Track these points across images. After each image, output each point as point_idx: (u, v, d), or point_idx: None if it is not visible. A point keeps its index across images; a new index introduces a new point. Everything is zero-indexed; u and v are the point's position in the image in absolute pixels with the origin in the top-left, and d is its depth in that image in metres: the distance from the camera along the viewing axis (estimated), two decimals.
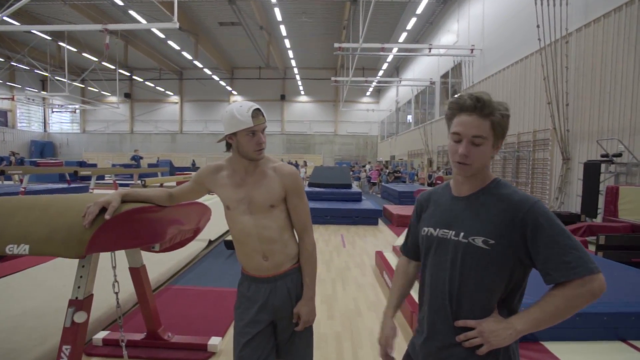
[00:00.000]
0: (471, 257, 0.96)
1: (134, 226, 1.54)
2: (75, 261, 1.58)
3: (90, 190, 10.68)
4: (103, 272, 2.00)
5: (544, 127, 8.75)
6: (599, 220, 6.21)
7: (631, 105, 6.42)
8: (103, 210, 1.42)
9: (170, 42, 18.98)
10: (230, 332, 2.76)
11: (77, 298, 1.64)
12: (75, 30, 14.86)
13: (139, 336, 2.53)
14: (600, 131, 7.08)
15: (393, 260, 4.28)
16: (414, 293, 3.18)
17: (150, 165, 17.49)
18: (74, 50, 19.43)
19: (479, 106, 0.92)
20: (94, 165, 20.18)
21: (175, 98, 30.65)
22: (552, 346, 2.05)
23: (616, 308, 2.22)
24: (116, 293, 2.05)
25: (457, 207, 1.03)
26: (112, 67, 20.88)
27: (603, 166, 6.61)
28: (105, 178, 17.02)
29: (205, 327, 2.79)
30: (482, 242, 0.94)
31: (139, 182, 14.25)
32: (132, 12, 14.62)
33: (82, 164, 18.85)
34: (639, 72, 6.23)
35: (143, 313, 2.45)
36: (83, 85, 26.74)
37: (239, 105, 1.34)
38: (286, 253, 1.44)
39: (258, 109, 1.35)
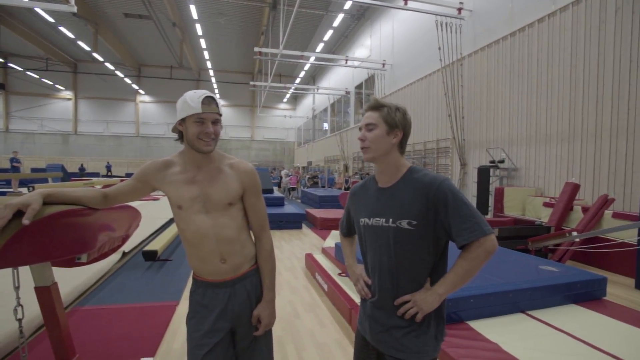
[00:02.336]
0: (401, 238, 1.12)
1: (60, 233, 1.30)
2: None
3: None
4: None
5: (445, 136, 9.95)
6: (490, 216, 7.28)
7: (508, 121, 7.73)
8: (18, 214, 1.17)
9: (62, 29, 16.50)
10: (163, 350, 2.53)
11: None
12: None
13: None
14: (488, 141, 8.35)
15: (324, 261, 4.39)
16: (351, 292, 3.29)
17: (34, 171, 14.85)
18: None
19: (372, 105, 1.19)
20: None
21: (68, 93, 26.74)
22: (474, 324, 2.34)
23: (516, 286, 2.64)
24: (19, 320, 1.71)
25: (384, 196, 1.19)
26: None
27: (491, 171, 7.81)
28: None
29: (131, 348, 2.48)
30: (407, 224, 1.10)
31: (20, 190, 12.01)
32: None
33: None
34: (511, 95, 7.55)
35: (52, 341, 2.05)
36: None
37: (193, 92, 1.27)
38: (244, 254, 1.38)
39: (211, 97, 1.27)
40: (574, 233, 4.76)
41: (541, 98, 6.89)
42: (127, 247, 5.00)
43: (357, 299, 3.08)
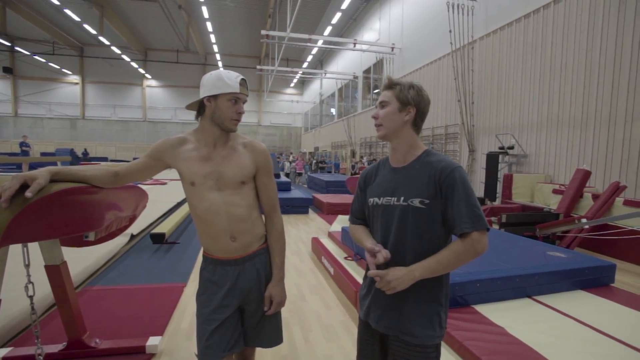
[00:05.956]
0: (412, 215, 1.11)
1: (66, 210, 1.30)
2: None
3: None
4: None
5: (454, 122, 9.80)
6: (498, 202, 7.21)
7: (519, 106, 7.56)
8: (24, 187, 1.15)
9: (68, 12, 16.37)
10: (171, 329, 2.58)
11: None
12: None
13: (56, 347, 2.17)
14: (498, 127, 8.20)
15: (330, 245, 4.41)
16: (357, 276, 3.30)
17: (44, 155, 15.04)
18: None
19: (386, 84, 1.20)
20: None
21: (75, 78, 26.76)
22: (480, 308, 2.34)
23: (524, 271, 2.63)
24: (30, 297, 1.74)
25: (397, 176, 1.18)
26: None
27: (500, 157, 7.69)
28: None
29: (140, 327, 2.53)
30: (419, 203, 1.10)
31: None
32: None
33: None
34: (522, 80, 7.36)
35: (63, 319, 2.11)
36: None
37: (227, 71, 1.29)
38: (254, 233, 1.38)
39: (245, 80, 1.32)
40: (583, 220, 4.70)
41: (554, 83, 6.71)
42: (135, 229, 5.07)
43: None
